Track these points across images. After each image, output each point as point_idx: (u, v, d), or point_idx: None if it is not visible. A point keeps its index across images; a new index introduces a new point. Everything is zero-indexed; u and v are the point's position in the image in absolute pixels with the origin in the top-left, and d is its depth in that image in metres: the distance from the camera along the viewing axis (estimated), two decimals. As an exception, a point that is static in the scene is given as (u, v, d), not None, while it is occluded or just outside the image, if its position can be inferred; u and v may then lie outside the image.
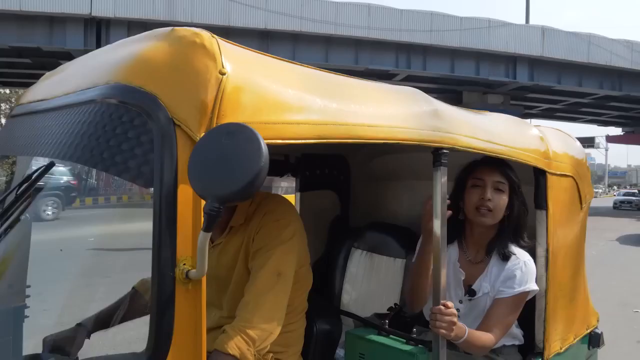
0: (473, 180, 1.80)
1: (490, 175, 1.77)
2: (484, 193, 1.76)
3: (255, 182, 0.82)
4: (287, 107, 1.06)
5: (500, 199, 1.78)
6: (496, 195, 1.77)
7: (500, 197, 1.78)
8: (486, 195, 1.75)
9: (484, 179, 1.77)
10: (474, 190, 1.78)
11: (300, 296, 1.59)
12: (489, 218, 1.77)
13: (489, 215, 1.77)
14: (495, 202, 1.76)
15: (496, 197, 1.77)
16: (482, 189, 1.77)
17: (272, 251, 1.40)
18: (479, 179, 1.78)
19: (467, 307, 1.82)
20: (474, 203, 1.77)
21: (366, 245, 2.77)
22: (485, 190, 1.76)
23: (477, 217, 1.78)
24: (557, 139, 2.08)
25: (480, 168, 1.79)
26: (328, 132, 1.12)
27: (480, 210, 1.76)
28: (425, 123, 1.40)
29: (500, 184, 1.78)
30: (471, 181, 1.80)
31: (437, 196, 1.45)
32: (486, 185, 1.77)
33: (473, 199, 1.78)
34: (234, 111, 0.95)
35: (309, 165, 2.81)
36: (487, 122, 1.79)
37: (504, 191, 1.78)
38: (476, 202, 1.77)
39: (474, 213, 1.78)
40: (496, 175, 1.77)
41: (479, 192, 1.77)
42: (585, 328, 2.24)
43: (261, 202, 1.53)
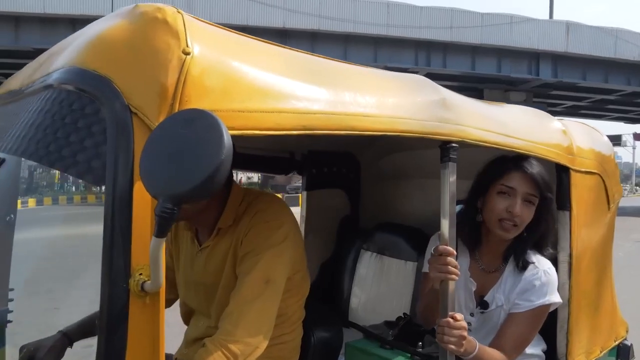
0: (501, 187, 1.53)
1: (523, 185, 1.50)
2: (513, 206, 1.50)
3: (214, 178, 0.69)
4: (267, 93, 0.93)
5: (528, 212, 1.53)
6: (525, 208, 1.52)
7: (529, 210, 1.53)
8: (515, 210, 1.49)
9: (515, 188, 1.51)
10: (500, 199, 1.53)
11: (295, 304, 1.45)
12: (511, 233, 1.54)
13: (512, 231, 1.53)
14: (523, 217, 1.52)
15: (525, 210, 1.52)
16: (512, 199, 1.51)
17: (260, 255, 1.27)
18: (509, 187, 1.51)
19: (479, 320, 1.64)
20: (498, 214, 1.53)
21: (376, 247, 2.64)
22: (515, 203, 1.49)
23: (498, 230, 1.55)
24: (581, 132, 1.90)
25: (511, 173, 1.52)
26: (316, 122, 0.99)
27: (504, 224, 1.52)
28: (431, 114, 1.25)
29: (532, 197, 1.53)
30: (498, 187, 1.53)
31: (445, 195, 1.30)
32: (516, 195, 1.50)
33: (498, 208, 1.52)
34: (201, 96, 0.83)
35: (315, 162, 2.68)
36: (502, 113, 1.63)
37: (533, 204, 1.53)
38: (501, 214, 1.51)
39: (495, 224, 1.54)
40: (530, 185, 1.51)
41: (507, 202, 1.52)
42: (613, 339, 2.05)
43: (252, 201, 1.41)
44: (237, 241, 1.35)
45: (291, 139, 2.52)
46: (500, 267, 1.64)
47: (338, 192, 2.78)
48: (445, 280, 1.31)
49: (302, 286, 1.48)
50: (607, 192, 1.93)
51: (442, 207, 1.31)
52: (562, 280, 1.69)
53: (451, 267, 1.31)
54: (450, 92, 1.38)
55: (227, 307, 1.22)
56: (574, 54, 21.28)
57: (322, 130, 1.00)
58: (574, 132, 1.83)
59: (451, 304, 1.32)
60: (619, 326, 2.12)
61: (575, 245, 1.71)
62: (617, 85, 23.18)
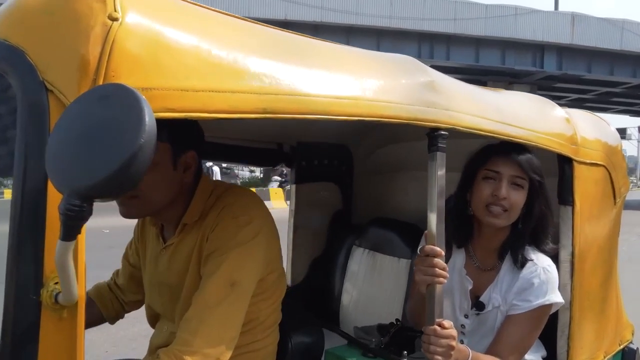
0: (485, 172, 1.45)
1: (508, 168, 1.42)
2: (498, 189, 1.41)
3: (128, 169, 0.55)
4: (218, 70, 0.80)
5: (517, 196, 1.42)
6: (513, 191, 1.42)
7: (517, 194, 1.42)
8: (500, 192, 1.40)
9: (499, 171, 1.42)
10: (485, 184, 1.44)
11: (269, 307, 1.32)
12: (502, 219, 1.43)
13: (502, 216, 1.42)
14: (512, 201, 1.41)
15: (513, 194, 1.42)
16: (497, 183, 1.43)
17: (226, 255, 1.14)
18: (493, 171, 1.43)
19: (474, 322, 1.52)
20: (484, 199, 1.43)
21: (368, 244, 2.51)
22: (500, 185, 1.41)
23: (486, 217, 1.44)
24: (586, 121, 1.76)
25: (495, 157, 1.44)
26: (278, 105, 0.85)
27: (492, 209, 1.42)
28: (417, 97, 1.11)
29: (519, 179, 1.43)
30: (483, 172, 1.45)
31: (432, 188, 1.17)
32: (502, 179, 1.42)
33: (483, 193, 1.43)
34: (131, 71, 0.69)
35: (305, 154, 2.55)
36: (499, 99, 1.49)
37: (522, 187, 1.44)
38: (487, 199, 1.42)
39: (483, 211, 1.44)
40: (515, 168, 1.42)
41: (492, 186, 1.43)
42: (618, 343, 1.91)
43: (222, 194, 1.28)
44: (203, 238, 1.22)
45: (278, 128, 2.42)
46: (496, 264, 1.52)
47: (329, 186, 2.65)
48: (432, 284, 1.18)
49: (277, 288, 1.35)
50: (613, 185, 1.79)
51: (430, 202, 1.17)
52: (564, 282, 1.56)
53: (438, 270, 1.18)
54: (439, 74, 1.24)
55: (187, 313, 1.09)
56: (579, 45, 21.00)
57: (285, 114, 0.87)
58: (578, 120, 1.68)
59: (439, 309, 1.18)
60: (624, 329, 1.98)
61: (578, 243, 1.57)
62: (623, 78, 22.89)
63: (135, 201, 1.16)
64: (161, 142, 1.18)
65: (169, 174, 1.19)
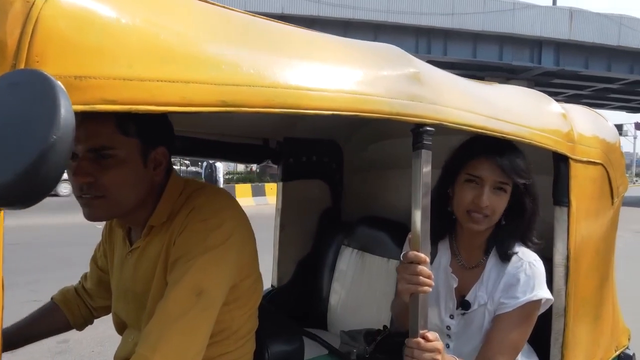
0: (467, 176, 1.37)
1: (491, 173, 1.33)
2: (479, 196, 1.33)
3: (37, 170, 0.46)
4: (170, 56, 0.70)
5: (499, 201, 1.36)
6: (495, 197, 1.35)
7: (499, 199, 1.36)
8: (482, 201, 1.33)
9: (481, 176, 1.34)
10: (467, 188, 1.36)
11: (244, 316, 1.23)
12: (482, 225, 1.36)
13: (482, 222, 1.36)
14: (494, 206, 1.35)
15: (495, 199, 1.35)
16: (479, 188, 1.35)
17: (193, 261, 1.05)
18: (476, 177, 1.35)
19: (460, 323, 1.45)
20: (466, 204, 1.36)
21: (357, 244, 2.43)
22: (482, 193, 1.33)
23: (467, 223, 1.38)
24: (583, 117, 1.67)
25: (478, 160, 1.35)
26: (239, 96, 0.76)
27: (473, 216, 1.35)
28: (401, 90, 1.02)
29: (502, 184, 1.35)
30: (465, 175, 1.38)
31: (417, 187, 1.08)
32: (484, 184, 1.34)
33: (465, 198, 1.36)
34: (60, 56, 0.60)
35: (293, 150, 2.46)
36: (491, 93, 1.39)
37: (505, 191, 1.36)
38: (468, 205, 1.36)
39: (463, 216, 1.37)
40: (498, 172, 1.34)
41: (474, 191, 1.35)
42: (614, 349, 1.84)
43: (192, 194, 1.18)
44: (170, 242, 1.12)
45: (264, 124, 2.33)
46: (481, 261, 1.45)
47: (318, 183, 2.57)
48: (416, 293, 1.09)
49: (253, 294, 1.26)
50: (611, 184, 1.71)
51: (414, 202, 1.08)
52: (558, 287, 1.48)
53: (422, 278, 1.09)
54: (426, 65, 1.15)
55: (147, 326, 1.00)
56: (577, 41, 20.94)
57: (249, 108, 0.77)
58: (575, 116, 1.60)
59: (423, 320, 1.10)
60: (620, 334, 1.90)
61: (574, 247, 1.49)
62: (620, 74, 22.85)
63: (101, 202, 1.07)
64: (129, 137, 1.10)
65: (138, 172, 1.10)
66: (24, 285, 5.68)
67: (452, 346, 1.47)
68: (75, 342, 4.23)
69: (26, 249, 7.96)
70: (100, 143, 1.04)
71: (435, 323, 1.48)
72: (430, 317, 1.49)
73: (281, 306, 2.43)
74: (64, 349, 4.20)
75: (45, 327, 1.42)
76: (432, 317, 1.47)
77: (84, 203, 1.08)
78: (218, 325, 1.16)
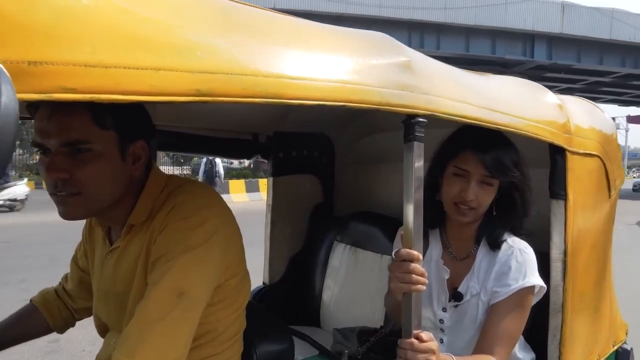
0: (455, 169, 1.36)
1: (479, 168, 1.33)
2: (465, 190, 1.33)
3: None
4: (135, 41, 0.64)
5: (485, 195, 1.36)
6: (481, 191, 1.35)
7: (486, 193, 1.36)
8: (467, 194, 1.33)
9: (469, 170, 1.34)
10: (454, 181, 1.36)
11: (230, 316, 1.18)
12: (468, 217, 1.37)
13: (469, 214, 1.36)
14: (480, 199, 1.35)
15: (481, 193, 1.35)
16: (465, 182, 1.35)
17: (173, 261, 0.99)
18: (464, 170, 1.35)
19: (454, 316, 1.42)
20: (452, 197, 1.36)
21: (350, 239, 2.39)
22: (468, 187, 1.33)
23: (453, 214, 1.38)
24: (580, 108, 1.63)
25: (466, 153, 1.34)
26: (216, 85, 0.70)
27: (460, 208, 1.35)
28: (391, 79, 0.97)
29: (489, 179, 1.35)
30: (452, 168, 1.37)
31: (409, 182, 1.03)
32: (471, 179, 1.34)
33: (451, 191, 1.36)
34: (11, 40, 0.54)
35: (283, 145, 2.40)
36: (485, 83, 1.34)
37: (492, 185, 1.36)
38: (455, 197, 1.36)
39: (451, 207, 1.38)
40: (484, 170, 1.34)
41: (460, 184, 1.35)
42: (612, 345, 1.80)
43: (173, 190, 1.13)
44: (150, 241, 1.07)
45: (252, 117, 2.27)
46: (471, 252, 1.43)
47: (309, 178, 2.51)
48: (409, 293, 1.04)
49: (240, 293, 1.21)
50: (608, 177, 1.67)
51: (406, 197, 1.03)
52: (555, 282, 1.43)
53: (415, 276, 1.04)
54: (418, 54, 1.10)
55: (126, 329, 0.95)
56: (569, 35, 20.99)
57: (225, 97, 0.72)
58: (571, 107, 1.55)
59: (417, 320, 1.05)
60: (618, 329, 1.87)
61: (571, 241, 1.44)
62: (612, 67, 22.95)
63: (77, 199, 1.01)
64: (106, 130, 1.04)
65: (116, 167, 1.05)
66: (15, 284, 5.60)
67: (446, 340, 1.43)
68: (66, 342, 4.17)
69: (18, 247, 7.87)
70: (74, 136, 0.98)
71: (428, 317, 1.45)
72: (423, 312, 1.45)
73: (273, 304, 2.39)
74: (55, 348, 4.14)
75: (23, 331, 1.36)
76: (424, 311, 1.45)
77: (58, 201, 1.02)
78: (203, 327, 1.11)
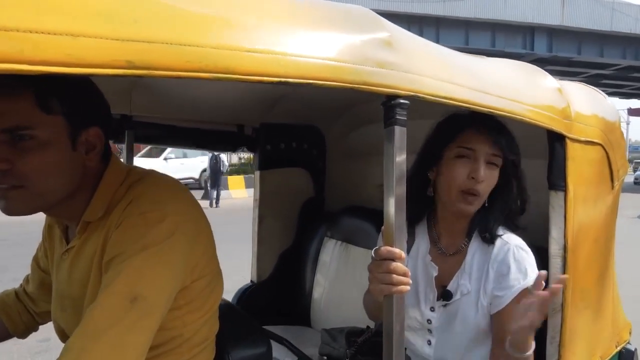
0: (459, 150, 1.25)
1: (485, 145, 1.23)
2: (476, 170, 1.22)
3: None
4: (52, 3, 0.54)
5: (492, 177, 1.26)
6: (488, 172, 1.25)
7: (492, 174, 1.26)
8: (479, 175, 1.22)
9: (475, 148, 1.23)
10: (460, 164, 1.24)
11: (198, 321, 1.08)
12: (475, 206, 1.26)
13: (475, 203, 1.25)
14: (487, 183, 1.25)
15: (488, 174, 1.25)
16: (473, 163, 1.24)
17: (127, 262, 0.89)
18: (469, 149, 1.24)
19: (443, 316, 1.31)
20: (460, 183, 1.24)
21: (340, 235, 2.29)
22: (478, 166, 1.22)
23: (459, 204, 1.26)
24: (581, 93, 1.52)
25: (468, 131, 1.25)
26: (153, 56, 0.60)
27: (466, 197, 1.24)
28: (368, 56, 0.86)
29: (495, 158, 1.25)
30: (455, 150, 1.26)
31: (390, 171, 0.92)
32: (478, 158, 1.23)
33: (459, 176, 1.24)
34: None
35: (270, 137, 2.30)
36: (477, 64, 1.23)
37: (497, 166, 1.26)
38: (462, 182, 1.24)
39: (456, 197, 1.25)
40: (491, 145, 1.24)
41: (468, 166, 1.24)
42: (615, 345, 1.70)
43: (133, 184, 1.02)
44: (105, 240, 0.96)
45: (238, 108, 2.16)
46: (461, 247, 1.32)
47: (299, 171, 2.42)
48: (390, 294, 0.94)
49: (210, 296, 1.10)
50: (610, 167, 1.56)
51: (386, 189, 0.93)
52: (554, 280, 1.33)
53: (397, 276, 0.94)
54: (401, 30, 0.99)
55: (70, 339, 0.84)
56: (569, 27, 20.83)
57: (164, 71, 0.61)
58: (571, 92, 1.44)
59: (399, 325, 0.93)
60: (621, 329, 1.77)
61: (572, 235, 1.34)
62: (613, 59, 22.80)
63: (19, 193, 0.90)
64: (52, 115, 0.90)
65: (66, 157, 0.94)
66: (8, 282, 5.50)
67: (434, 342, 1.33)
68: (56, 340, 4.07)
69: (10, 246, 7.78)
70: (14, 122, 0.88)
71: (414, 317, 1.35)
72: (409, 311, 1.35)
73: (261, 303, 2.30)
74: (45, 347, 4.06)
75: None
76: (411, 310, 1.35)
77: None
78: (167, 333, 1.01)
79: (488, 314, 1.27)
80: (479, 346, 1.30)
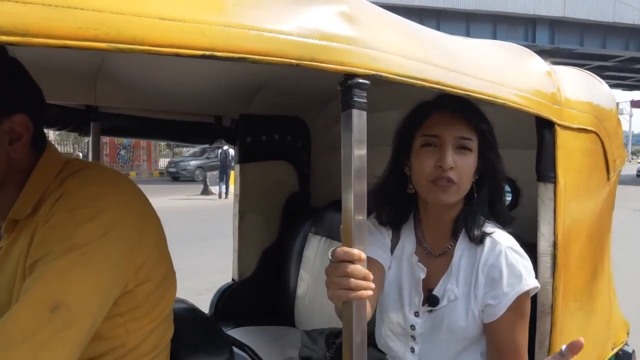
0: (423, 138, 1.15)
1: (450, 129, 1.13)
2: (442, 157, 1.12)
3: None
4: None
5: (466, 162, 1.14)
6: (460, 158, 1.13)
7: (466, 159, 1.14)
8: (446, 162, 1.11)
9: (439, 135, 1.13)
10: (425, 154, 1.14)
11: (144, 328, 0.97)
12: (450, 194, 1.13)
13: (451, 190, 1.13)
14: (461, 170, 1.13)
15: (460, 161, 1.13)
16: (439, 150, 1.13)
17: (50, 265, 0.78)
18: (433, 136, 1.14)
19: (427, 322, 1.20)
20: (427, 173, 1.13)
21: (325, 231, 2.19)
22: (445, 154, 1.12)
23: (433, 194, 1.15)
24: (574, 78, 1.40)
25: (431, 118, 1.15)
26: (28, 21, 0.49)
27: (439, 184, 1.12)
28: (319, 28, 0.75)
29: (466, 141, 1.13)
30: (420, 139, 1.15)
31: (347, 163, 0.82)
32: (444, 144, 1.13)
33: (425, 166, 1.13)
34: None
35: (251, 129, 2.20)
36: (454, 42, 1.12)
37: (471, 150, 1.15)
38: (430, 172, 1.13)
39: (428, 188, 1.15)
40: (458, 127, 1.13)
41: (434, 155, 1.13)
42: (611, 347, 1.59)
43: (67, 177, 0.92)
44: (32, 240, 0.86)
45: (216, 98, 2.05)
46: (448, 248, 1.21)
47: (282, 165, 2.31)
48: (349, 301, 0.83)
49: (160, 301, 1.00)
50: (606, 156, 1.44)
51: (344, 183, 0.82)
52: (543, 280, 1.22)
53: (355, 280, 0.83)
54: (362, 1, 0.87)
55: None
56: (571, 18, 20.62)
57: (48, 39, 0.50)
58: (562, 76, 1.33)
59: (360, 336, 0.82)
60: (618, 329, 1.66)
61: (562, 231, 1.23)
62: (615, 51, 22.58)
63: None
64: None
65: None
66: None
67: (417, 350, 1.23)
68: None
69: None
70: None
71: (397, 322, 1.25)
72: (391, 316, 1.25)
73: (243, 302, 2.21)
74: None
75: None
76: (393, 315, 1.25)
77: None
78: (106, 343, 0.91)
79: (481, 322, 1.16)
80: (468, 354, 1.19)
